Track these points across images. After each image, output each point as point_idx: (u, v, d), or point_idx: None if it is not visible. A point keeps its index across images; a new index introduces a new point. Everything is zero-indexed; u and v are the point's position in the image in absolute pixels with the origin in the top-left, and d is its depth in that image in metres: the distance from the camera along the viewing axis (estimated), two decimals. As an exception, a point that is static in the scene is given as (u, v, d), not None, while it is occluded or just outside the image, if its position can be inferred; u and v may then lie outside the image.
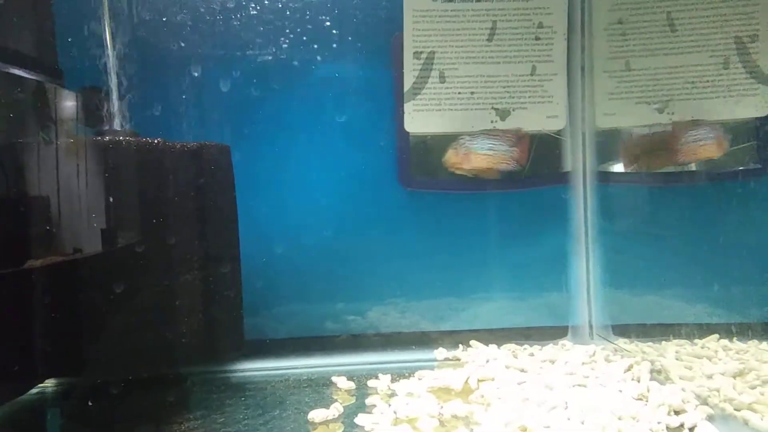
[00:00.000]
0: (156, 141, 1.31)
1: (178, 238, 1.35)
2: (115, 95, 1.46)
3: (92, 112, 1.42)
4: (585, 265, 1.82)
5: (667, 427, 1.11)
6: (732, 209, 1.73)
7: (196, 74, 1.73)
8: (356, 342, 1.80)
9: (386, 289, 1.83)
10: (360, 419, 1.21)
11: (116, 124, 1.42)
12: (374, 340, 1.81)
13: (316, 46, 1.78)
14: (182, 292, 1.36)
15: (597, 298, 1.81)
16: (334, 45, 1.78)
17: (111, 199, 1.24)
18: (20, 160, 1.25)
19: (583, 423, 1.10)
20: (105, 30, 1.59)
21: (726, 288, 1.67)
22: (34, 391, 1.47)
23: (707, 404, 1.20)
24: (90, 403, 1.33)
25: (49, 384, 1.51)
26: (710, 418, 1.15)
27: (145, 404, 1.40)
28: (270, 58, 1.77)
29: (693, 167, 1.78)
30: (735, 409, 1.18)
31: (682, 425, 1.13)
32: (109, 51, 1.59)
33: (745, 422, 1.14)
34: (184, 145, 1.36)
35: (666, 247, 1.77)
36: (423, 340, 1.80)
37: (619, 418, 1.13)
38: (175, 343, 1.36)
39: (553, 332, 1.81)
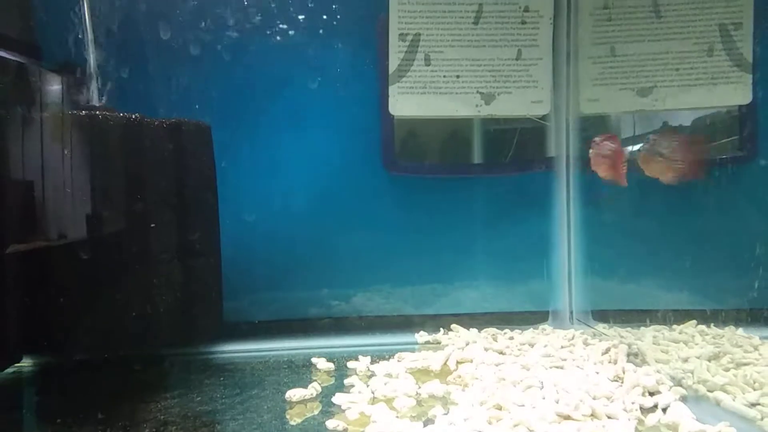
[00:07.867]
0: (134, 116, 1.29)
1: (155, 218, 1.34)
2: (92, 69, 1.43)
3: (69, 88, 1.39)
4: (567, 251, 1.83)
5: (641, 407, 1.12)
6: (713, 198, 1.74)
7: (178, 53, 1.70)
8: (338, 325, 1.80)
9: (370, 274, 1.83)
10: (337, 398, 1.21)
11: (94, 100, 1.39)
12: (356, 324, 1.81)
13: (299, 26, 1.76)
14: (157, 271, 1.34)
15: (578, 284, 1.82)
16: (318, 25, 1.76)
17: (88, 174, 1.22)
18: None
19: (557, 402, 1.11)
20: (83, 5, 1.56)
21: (705, 276, 1.68)
22: (10, 370, 1.46)
23: (681, 386, 1.22)
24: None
25: (26, 363, 1.50)
26: (684, 399, 1.17)
27: (121, 384, 1.39)
28: (253, 38, 1.75)
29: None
30: (708, 390, 1.19)
31: (655, 405, 1.14)
32: (88, 27, 1.56)
33: (717, 403, 1.16)
34: (162, 121, 1.34)
35: (647, 235, 1.78)
36: (405, 324, 1.80)
37: (594, 398, 1.14)
38: (148, 323, 1.35)
39: (534, 317, 1.82)
